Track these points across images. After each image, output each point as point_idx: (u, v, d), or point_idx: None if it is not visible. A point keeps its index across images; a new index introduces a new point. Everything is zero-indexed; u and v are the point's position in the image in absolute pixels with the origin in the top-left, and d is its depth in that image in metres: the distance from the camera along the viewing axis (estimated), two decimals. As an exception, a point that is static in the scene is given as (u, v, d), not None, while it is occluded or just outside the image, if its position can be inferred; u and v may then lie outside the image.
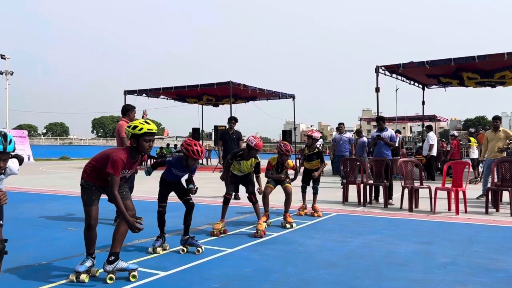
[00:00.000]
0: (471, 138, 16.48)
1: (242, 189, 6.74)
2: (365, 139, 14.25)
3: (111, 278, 3.93)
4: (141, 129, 4.02)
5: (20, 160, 3.98)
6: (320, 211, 7.57)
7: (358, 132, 15.52)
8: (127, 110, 7.31)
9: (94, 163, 4.16)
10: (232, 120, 9.88)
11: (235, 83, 20.73)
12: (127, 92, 24.20)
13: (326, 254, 5.04)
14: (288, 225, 6.57)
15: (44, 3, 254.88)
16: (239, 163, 6.17)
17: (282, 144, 6.82)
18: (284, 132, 24.91)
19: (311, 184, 7.84)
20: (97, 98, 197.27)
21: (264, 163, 6.53)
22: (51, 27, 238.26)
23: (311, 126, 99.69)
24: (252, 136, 6.19)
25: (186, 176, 5.21)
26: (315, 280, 4.01)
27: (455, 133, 18.04)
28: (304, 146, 8.25)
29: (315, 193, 7.72)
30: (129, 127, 4.08)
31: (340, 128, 14.30)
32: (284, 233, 6.15)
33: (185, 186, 5.20)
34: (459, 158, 15.06)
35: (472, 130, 16.78)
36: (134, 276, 4.00)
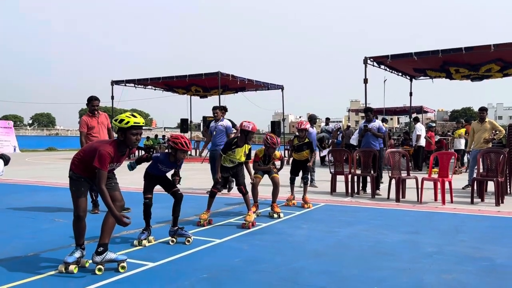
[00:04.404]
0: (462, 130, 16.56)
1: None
2: (314, 130, 13.24)
3: (100, 269, 3.92)
4: (128, 122, 3.97)
5: (6, 160, 3.91)
6: (310, 203, 7.61)
7: (311, 119, 11.39)
8: (87, 102, 7.18)
9: (82, 154, 4.12)
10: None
11: (224, 73, 20.64)
12: (114, 82, 23.97)
13: (315, 244, 5.08)
14: (275, 215, 6.61)
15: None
16: (233, 152, 6.17)
17: (268, 137, 6.82)
18: (273, 123, 24.92)
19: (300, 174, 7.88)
20: (84, 89, 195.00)
21: (252, 154, 6.54)
22: (38, 15, 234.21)
23: (300, 117, 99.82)
24: (246, 121, 6.20)
25: (172, 172, 5.21)
26: (304, 270, 4.05)
27: (432, 124, 18.23)
28: (294, 136, 8.23)
29: (305, 183, 7.74)
30: (115, 120, 4.04)
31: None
32: (272, 223, 6.18)
33: (170, 178, 5.21)
34: (434, 150, 15.22)
35: (462, 120, 16.92)
36: (123, 267, 3.99)
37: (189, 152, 5.36)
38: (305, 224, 6.14)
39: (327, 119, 19.39)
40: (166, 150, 5.07)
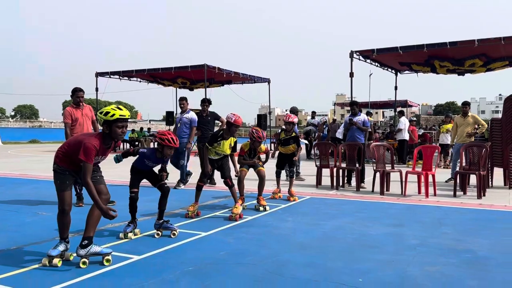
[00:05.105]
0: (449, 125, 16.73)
1: (218, 174, 6.73)
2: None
3: (84, 263, 3.89)
4: (113, 115, 3.92)
5: None
6: (296, 196, 7.64)
7: (292, 111, 10.83)
8: (72, 93, 7.11)
9: (67, 147, 4.06)
10: (205, 102, 9.63)
11: (210, 66, 20.52)
12: (98, 74, 23.65)
13: (300, 236, 5.11)
14: (261, 208, 6.63)
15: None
16: (219, 144, 6.15)
17: (254, 131, 6.82)
18: (259, 116, 24.89)
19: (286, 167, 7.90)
20: (68, 80, 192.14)
21: (238, 146, 6.53)
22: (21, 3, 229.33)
23: (286, 111, 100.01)
24: (231, 113, 6.20)
25: (159, 167, 5.19)
26: (289, 262, 4.07)
27: (412, 118, 18.49)
28: (280, 130, 8.22)
29: (291, 177, 7.77)
30: (101, 113, 3.99)
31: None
32: (258, 216, 6.20)
33: (157, 173, 5.19)
34: (417, 144, 15.42)
35: (450, 115, 17.10)
36: (108, 260, 3.96)
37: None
38: (290, 217, 6.17)
39: (313, 113, 19.46)
40: (152, 144, 5.07)
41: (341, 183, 9.22)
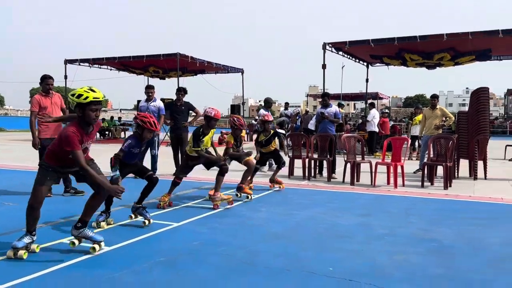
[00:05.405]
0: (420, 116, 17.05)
1: (198, 167, 6.68)
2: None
3: (73, 243, 3.98)
4: (86, 97, 3.81)
5: None
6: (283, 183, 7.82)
7: (266, 102, 11.39)
8: (41, 80, 6.94)
9: (51, 147, 4.00)
10: (181, 91, 9.49)
11: (183, 54, 20.29)
12: (67, 61, 23.01)
13: (273, 226, 5.16)
14: (248, 197, 6.68)
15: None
16: (202, 142, 6.14)
17: (235, 119, 6.83)
18: (232, 106, 24.88)
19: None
20: (35, 67, 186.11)
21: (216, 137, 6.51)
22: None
23: (260, 101, 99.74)
24: (209, 107, 6.25)
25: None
26: (262, 252, 4.11)
27: (384, 110, 18.89)
28: (258, 133, 8.01)
29: (280, 168, 7.79)
30: (73, 95, 3.86)
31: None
32: (231, 206, 6.21)
33: (142, 163, 5.19)
34: (388, 135, 15.74)
35: (421, 106, 17.51)
36: (94, 249, 3.95)
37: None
38: (264, 207, 6.22)
39: (286, 104, 19.51)
40: (123, 134, 5.04)
41: (313, 174, 9.33)
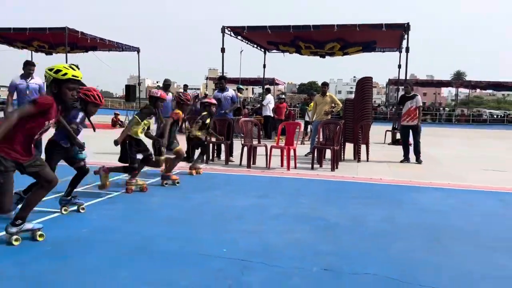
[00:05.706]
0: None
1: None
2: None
3: (17, 239, 3.66)
4: (65, 74, 3.55)
5: None
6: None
7: (165, 83, 11.01)
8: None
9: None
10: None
11: (72, 29, 18.86)
12: None
13: (168, 210, 5.11)
14: (177, 183, 6.57)
15: None
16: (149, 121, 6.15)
17: (181, 93, 6.97)
18: (127, 86, 23.77)
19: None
20: None
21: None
22: None
23: (157, 82, 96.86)
24: (154, 90, 6.31)
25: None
26: (157, 237, 4.05)
27: (281, 96, 19.62)
28: (204, 117, 7.77)
29: (203, 155, 7.91)
30: (50, 70, 3.55)
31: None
32: (123, 192, 5.99)
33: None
34: (283, 120, 16.42)
35: (315, 93, 18.39)
36: (41, 236, 3.76)
37: None
38: (158, 191, 6.11)
39: (185, 86, 19.23)
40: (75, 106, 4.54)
41: (211, 157, 9.38)
